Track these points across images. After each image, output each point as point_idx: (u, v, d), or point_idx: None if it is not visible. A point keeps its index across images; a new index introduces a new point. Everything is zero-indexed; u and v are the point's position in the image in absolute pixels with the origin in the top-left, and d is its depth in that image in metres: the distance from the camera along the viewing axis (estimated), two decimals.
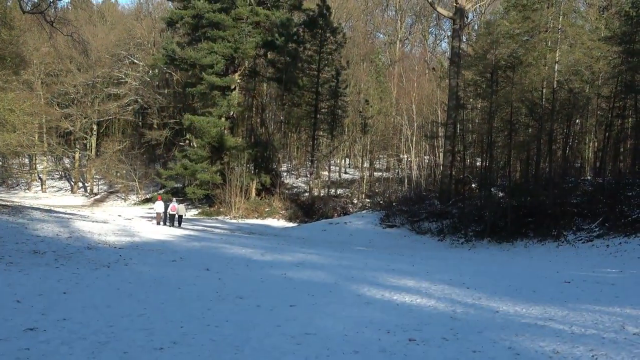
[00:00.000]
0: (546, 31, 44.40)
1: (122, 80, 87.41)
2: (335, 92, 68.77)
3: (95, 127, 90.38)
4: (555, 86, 44.19)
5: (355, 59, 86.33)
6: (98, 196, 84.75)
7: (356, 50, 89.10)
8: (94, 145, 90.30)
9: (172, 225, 44.22)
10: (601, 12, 57.43)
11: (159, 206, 44.94)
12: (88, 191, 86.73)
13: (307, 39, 68.11)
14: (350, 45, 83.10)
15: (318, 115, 68.57)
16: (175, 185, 73.82)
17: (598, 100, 51.52)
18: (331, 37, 68.05)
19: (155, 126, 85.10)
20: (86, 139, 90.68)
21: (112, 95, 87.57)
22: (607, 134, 50.74)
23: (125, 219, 45.14)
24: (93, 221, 35.49)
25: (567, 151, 52.81)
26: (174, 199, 47.76)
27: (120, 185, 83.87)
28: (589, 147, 60.68)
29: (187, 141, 73.31)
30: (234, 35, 64.67)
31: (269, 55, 70.92)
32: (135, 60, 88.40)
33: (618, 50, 47.33)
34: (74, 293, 15.39)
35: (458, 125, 54.19)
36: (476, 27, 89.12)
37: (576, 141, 57.21)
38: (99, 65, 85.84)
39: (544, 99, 44.52)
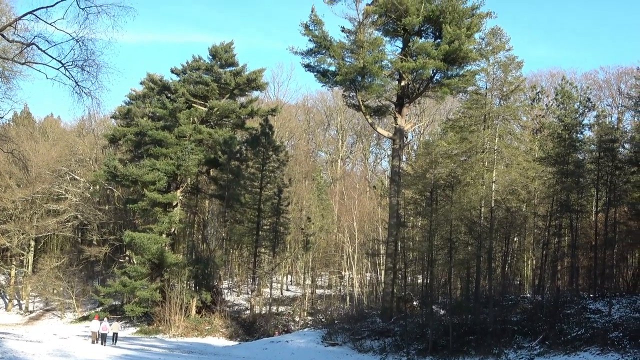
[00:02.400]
0: (483, 152, 45.60)
1: (62, 197, 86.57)
2: (278, 209, 69.02)
3: (33, 243, 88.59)
4: (493, 205, 45.09)
5: (298, 177, 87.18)
6: (33, 314, 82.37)
7: (298, 168, 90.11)
8: (31, 261, 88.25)
9: (104, 344, 43.18)
10: (535, 134, 59.47)
11: (94, 325, 43.99)
12: (23, 309, 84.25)
13: (250, 156, 68.75)
14: (292, 163, 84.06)
15: (260, 232, 68.50)
16: (114, 303, 72.31)
17: (535, 219, 52.63)
18: (273, 155, 68.82)
19: (94, 242, 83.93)
20: (23, 255, 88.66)
21: (51, 211, 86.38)
22: (544, 252, 51.64)
23: (60, 338, 43.95)
24: (27, 341, 34.45)
25: (506, 269, 53.45)
26: (106, 318, 46.89)
27: (56, 303, 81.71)
28: (528, 265, 61.59)
29: (127, 258, 72.35)
30: (176, 153, 65.02)
31: (211, 172, 71.30)
32: (76, 177, 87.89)
33: (552, 170, 48.81)
34: None
35: (399, 243, 54.58)
36: (415, 147, 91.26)
37: (515, 259, 58.01)
38: (39, 181, 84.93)
39: (482, 218, 45.32)
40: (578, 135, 55.45)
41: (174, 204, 67.66)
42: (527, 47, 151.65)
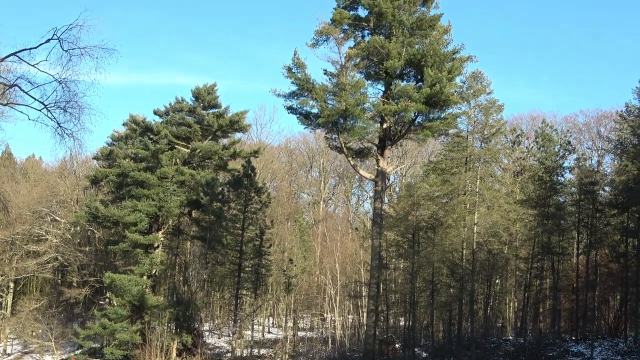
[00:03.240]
0: (465, 194, 45.89)
1: (43, 238, 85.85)
2: (259, 251, 68.78)
3: (12, 284, 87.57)
4: (474, 247, 45.23)
5: (280, 218, 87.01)
6: (11, 356, 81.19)
7: (280, 209, 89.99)
8: (9, 303, 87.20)
9: None
10: (515, 177, 59.89)
11: None
12: (1, 351, 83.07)
13: (232, 198, 68.62)
14: (274, 205, 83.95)
15: (242, 274, 68.13)
16: (93, 346, 71.36)
17: (516, 261, 52.80)
18: (256, 197, 68.74)
19: (74, 284, 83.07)
20: (2, 297, 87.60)
21: (31, 253, 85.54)
22: (526, 294, 51.72)
23: None
24: None
25: (489, 311, 53.47)
26: None
27: (35, 345, 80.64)
28: (510, 307, 61.63)
29: (107, 300, 71.60)
30: (158, 194, 64.77)
31: (193, 214, 71.01)
32: (57, 218, 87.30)
33: (533, 213, 49.12)
34: None
35: (381, 285, 54.53)
36: (397, 189, 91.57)
37: (497, 301, 58.07)
38: (19, 222, 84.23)
39: (464, 260, 45.42)
40: (559, 178, 55.97)
41: (155, 245, 67.23)
42: (508, 91, 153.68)
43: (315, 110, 54.53)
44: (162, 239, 68.25)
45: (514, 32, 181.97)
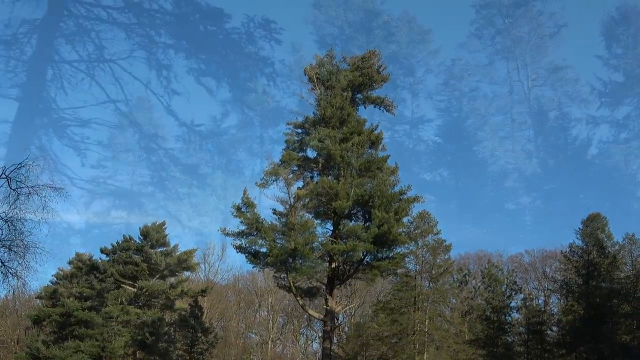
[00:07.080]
0: (414, 334, 45.84)
1: None
2: None
3: None
4: None
5: (227, 359, 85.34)
6: None
7: (228, 349, 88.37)
8: None
9: None
10: (464, 316, 60.03)
11: None
12: None
13: (178, 338, 67.49)
14: (222, 345, 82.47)
15: None
16: None
17: None
18: (203, 337, 67.71)
19: None
20: None
21: None
22: None
23: None
24: None
25: None
26: None
27: None
28: None
29: None
30: (102, 334, 63.45)
31: (138, 354, 69.38)
32: None
33: (482, 353, 49.05)
34: None
35: None
36: (347, 329, 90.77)
37: None
38: None
39: None
40: (506, 317, 56.28)
41: None
42: (455, 230, 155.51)
43: (264, 250, 54.34)
44: None
45: (458, 172, 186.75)
